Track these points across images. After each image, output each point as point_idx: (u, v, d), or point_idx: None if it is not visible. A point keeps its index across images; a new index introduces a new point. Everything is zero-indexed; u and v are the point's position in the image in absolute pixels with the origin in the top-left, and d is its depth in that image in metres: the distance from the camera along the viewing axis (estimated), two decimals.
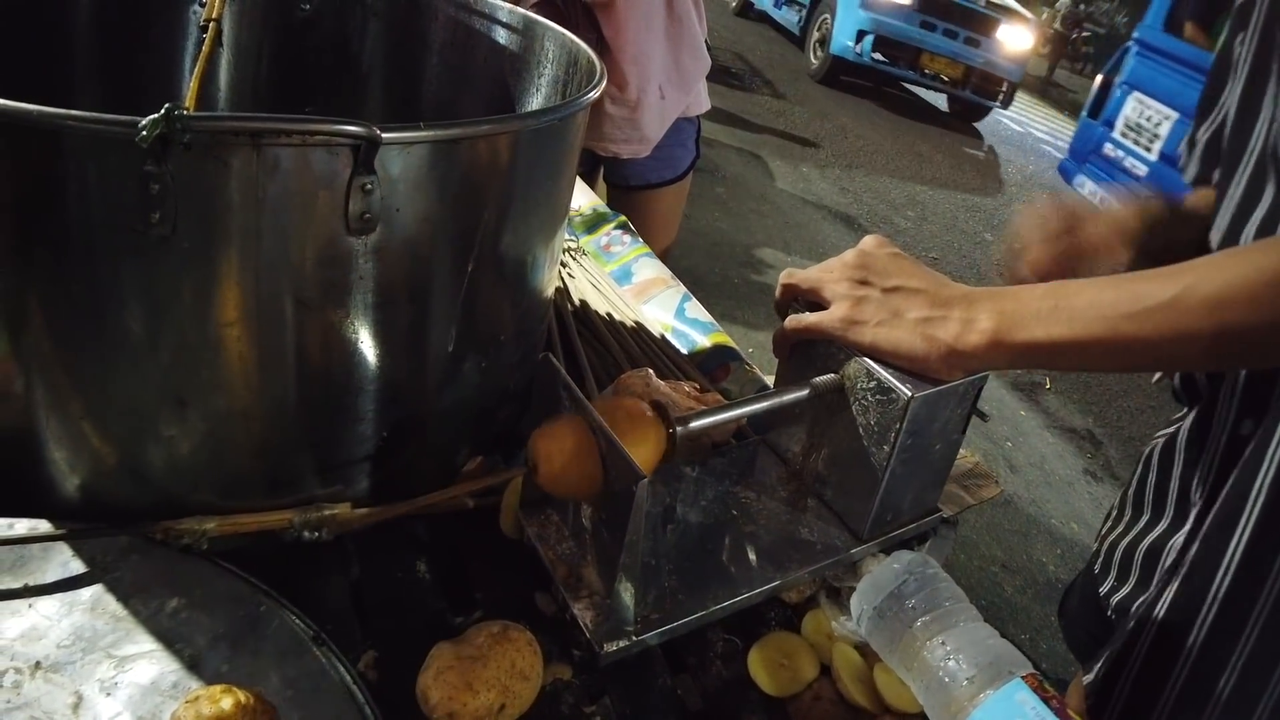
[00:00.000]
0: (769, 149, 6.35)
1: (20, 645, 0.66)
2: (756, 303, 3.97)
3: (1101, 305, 0.73)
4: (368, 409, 0.77)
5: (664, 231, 2.04)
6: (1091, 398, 4.33)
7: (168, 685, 0.65)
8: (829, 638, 0.82)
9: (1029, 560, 3.13)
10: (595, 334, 1.16)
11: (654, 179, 1.98)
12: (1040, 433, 3.97)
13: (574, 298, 1.23)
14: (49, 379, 0.72)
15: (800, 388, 0.82)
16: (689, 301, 1.30)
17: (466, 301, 0.78)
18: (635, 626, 0.72)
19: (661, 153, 1.93)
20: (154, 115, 0.55)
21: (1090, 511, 3.46)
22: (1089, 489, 3.64)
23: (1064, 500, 3.53)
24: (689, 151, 2.02)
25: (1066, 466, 3.77)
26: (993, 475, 1.16)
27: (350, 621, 0.76)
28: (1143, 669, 0.89)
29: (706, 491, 0.87)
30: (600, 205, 1.58)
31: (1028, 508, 3.42)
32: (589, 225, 1.50)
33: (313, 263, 0.68)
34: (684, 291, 1.32)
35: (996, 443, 3.80)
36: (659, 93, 1.81)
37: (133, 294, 0.66)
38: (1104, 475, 3.75)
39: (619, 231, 1.48)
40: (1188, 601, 0.85)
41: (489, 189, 0.75)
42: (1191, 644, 0.83)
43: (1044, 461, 3.76)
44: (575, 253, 1.36)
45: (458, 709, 0.65)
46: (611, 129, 1.84)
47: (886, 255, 0.83)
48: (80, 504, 0.77)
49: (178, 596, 0.70)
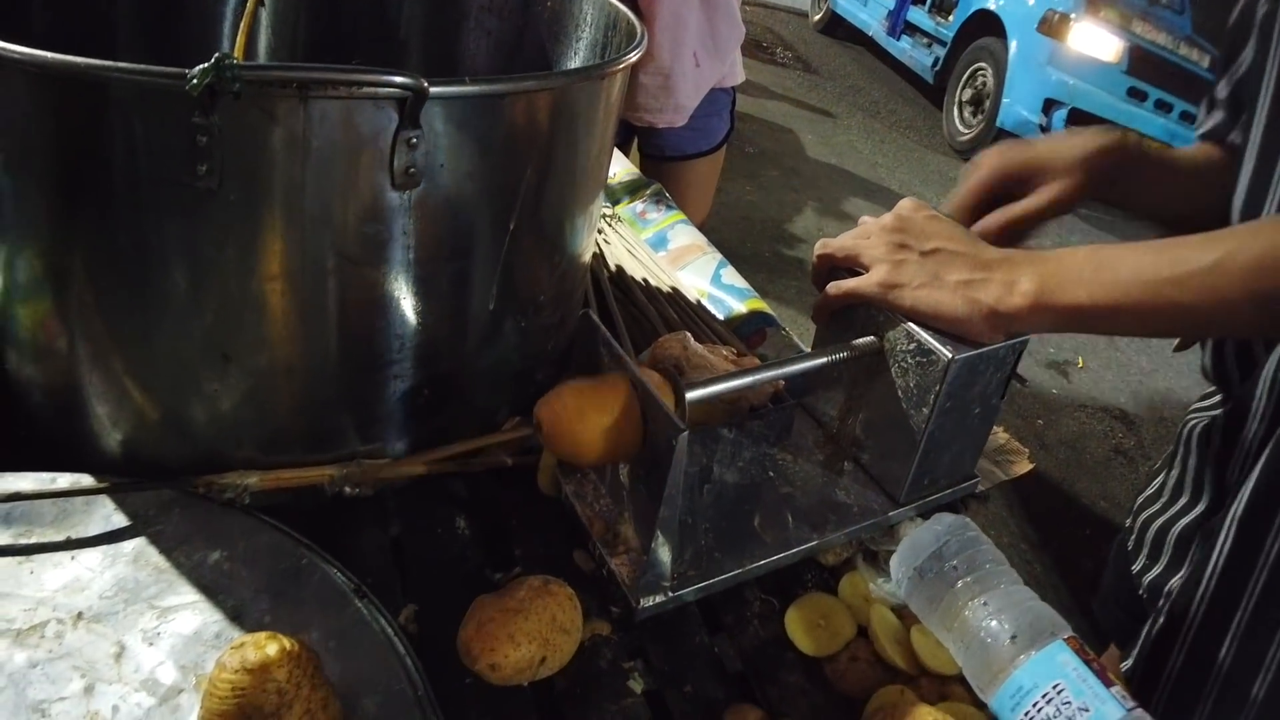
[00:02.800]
0: (801, 123, 6.31)
1: (62, 596, 0.67)
2: (788, 276, 3.95)
3: (1143, 269, 0.73)
4: (408, 366, 0.78)
5: (698, 203, 2.03)
6: (1124, 377, 4.29)
7: (210, 635, 0.66)
8: (866, 600, 0.82)
9: (1059, 538, 3.11)
10: (631, 299, 1.16)
11: (689, 149, 1.97)
12: (1072, 411, 3.94)
13: (610, 264, 1.23)
14: (92, 334, 0.73)
15: (833, 350, 0.82)
16: (725, 268, 1.29)
17: (507, 261, 0.78)
18: (672, 582, 0.73)
19: (696, 123, 1.92)
20: (204, 65, 0.56)
21: (1121, 491, 3.43)
22: (1120, 469, 3.61)
23: (1095, 479, 3.50)
24: (724, 122, 2.01)
25: (1098, 445, 3.74)
26: (1024, 451, 1.15)
27: (390, 576, 0.77)
28: (1187, 659, 0.89)
29: (743, 453, 0.87)
30: (636, 173, 1.58)
31: (1059, 486, 3.40)
32: (625, 193, 1.50)
33: (356, 217, 0.68)
34: (720, 258, 1.32)
35: (1028, 420, 3.78)
36: (693, 60, 1.79)
37: (178, 248, 0.67)
38: (1136, 455, 3.72)
39: (654, 199, 1.47)
40: (1230, 587, 0.85)
41: (531, 147, 0.75)
42: (1234, 629, 0.84)
43: (1075, 440, 3.73)
44: (611, 219, 1.36)
45: (499, 660, 0.65)
46: (646, 98, 1.83)
47: (924, 218, 0.83)
48: (122, 459, 0.78)
49: (220, 549, 0.71)
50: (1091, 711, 0.67)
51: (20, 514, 0.71)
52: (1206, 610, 0.88)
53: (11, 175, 0.66)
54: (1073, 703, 0.67)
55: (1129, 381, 4.28)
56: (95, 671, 0.62)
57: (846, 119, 6.63)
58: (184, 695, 0.62)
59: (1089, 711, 0.67)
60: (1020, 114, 5.97)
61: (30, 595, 0.66)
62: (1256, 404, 0.88)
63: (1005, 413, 3.74)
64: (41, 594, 0.66)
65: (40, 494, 0.72)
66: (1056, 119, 5.89)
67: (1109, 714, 0.66)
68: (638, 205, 1.46)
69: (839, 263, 0.85)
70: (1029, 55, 5.97)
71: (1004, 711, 0.71)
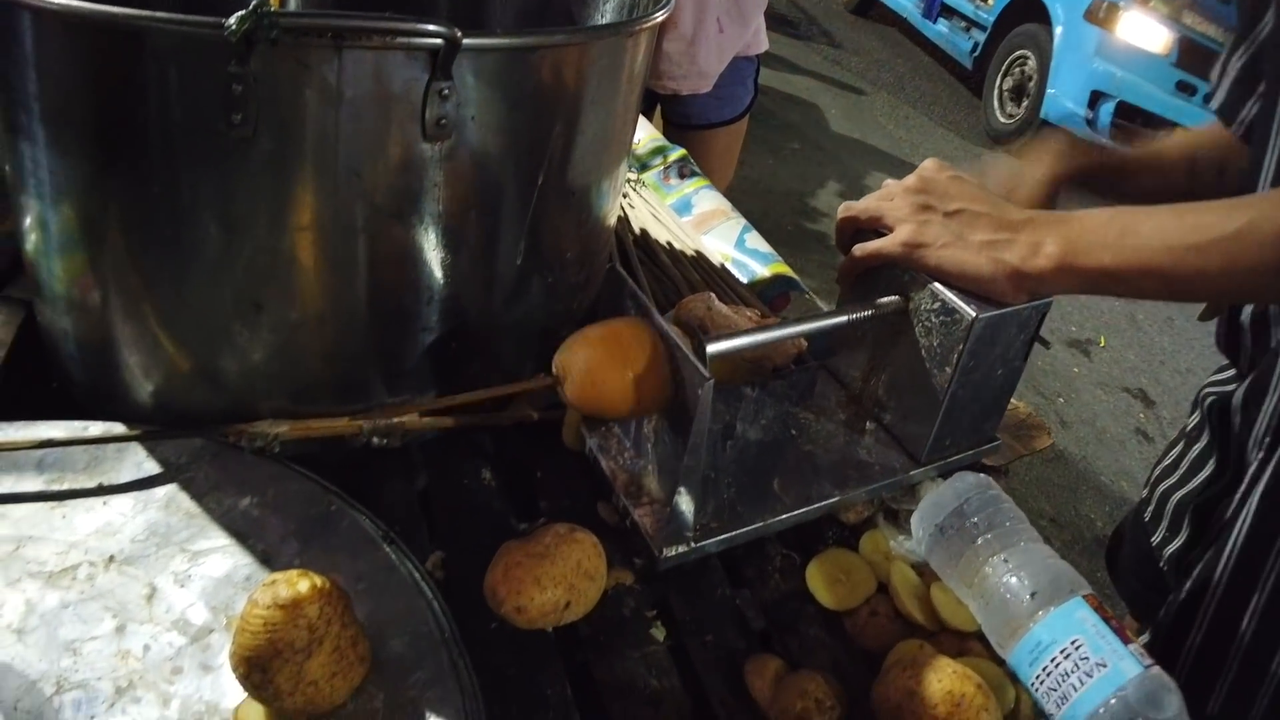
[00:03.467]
0: (825, 97, 6.27)
1: (94, 540, 0.68)
2: (810, 250, 3.93)
3: (1166, 234, 0.73)
4: (435, 319, 0.79)
5: (721, 171, 2.03)
6: (1146, 357, 4.26)
7: (241, 578, 0.67)
8: (886, 557, 0.83)
9: (1077, 516, 3.11)
10: (656, 262, 1.17)
11: (713, 117, 1.97)
12: (1092, 390, 3.92)
13: (635, 227, 1.24)
14: (125, 285, 0.74)
15: (856, 308, 0.82)
16: (749, 233, 1.30)
17: (535, 217, 0.79)
18: (694, 534, 0.74)
19: (720, 91, 1.92)
20: (242, 12, 0.56)
21: (1140, 471, 3.42)
22: (1140, 448, 3.60)
23: (1114, 458, 3.49)
24: (748, 91, 2.01)
25: (1118, 425, 3.72)
26: (1045, 426, 1.15)
27: (417, 524, 0.78)
28: (1207, 634, 0.90)
29: (766, 411, 0.87)
30: (661, 139, 1.58)
31: (1078, 464, 3.39)
32: (649, 158, 1.50)
33: (387, 168, 0.69)
34: (744, 223, 1.32)
35: (1048, 398, 3.76)
36: (717, 26, 1.79)
37: (211, 197, 0.68)
38: (1156, 435, 3.70)
39: (679, 164, 1.48)
40: (1250, 563, 0.85)
41: (559, 103, 0.75)
42: (1255, 605, 0.84)
43: (1095, 419, 3.71)
44: (635, 184, 1.36)
45: (525, 603, 0.66)
46: (669, 65, 1.83)
47: (947, 178, 0.83)
48: (154, 409, 0.80)
49: (250, 496, 0.72)
50: (1109, 667, 0.67)
51: (53, 461, 0.72)
52: (1227, 586, 0.88)
53: (48, 126, 0.67)
54: (1090, 658, 0.68)
55: (1150, 362, 4.26)
56: (126, 612, 0.64)
57: (872, 95, 6.58)
58: (214, 635, 0.63)
59: (1106, 667, 0.67)
60: (1065, 106, 5.60)
61: (62, 539, 0.67)
62: (1276, 380, 0.88)
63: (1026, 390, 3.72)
64: (73, 538, 0.68)
65: (72, 441, 0.73)
66: (1103, 112, 5.51)
67: (1126, 670, 0.67)
68: (663, 171, 1.46)
69: (863, 224, 0.85)
70: (1075, 44, 5.62)
71: (1022, 667, 0.71)
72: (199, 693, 0.60)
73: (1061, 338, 4.25)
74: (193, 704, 0.59)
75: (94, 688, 0.59)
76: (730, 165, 2.11)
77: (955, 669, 0.68)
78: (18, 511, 0.69)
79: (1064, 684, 0.68)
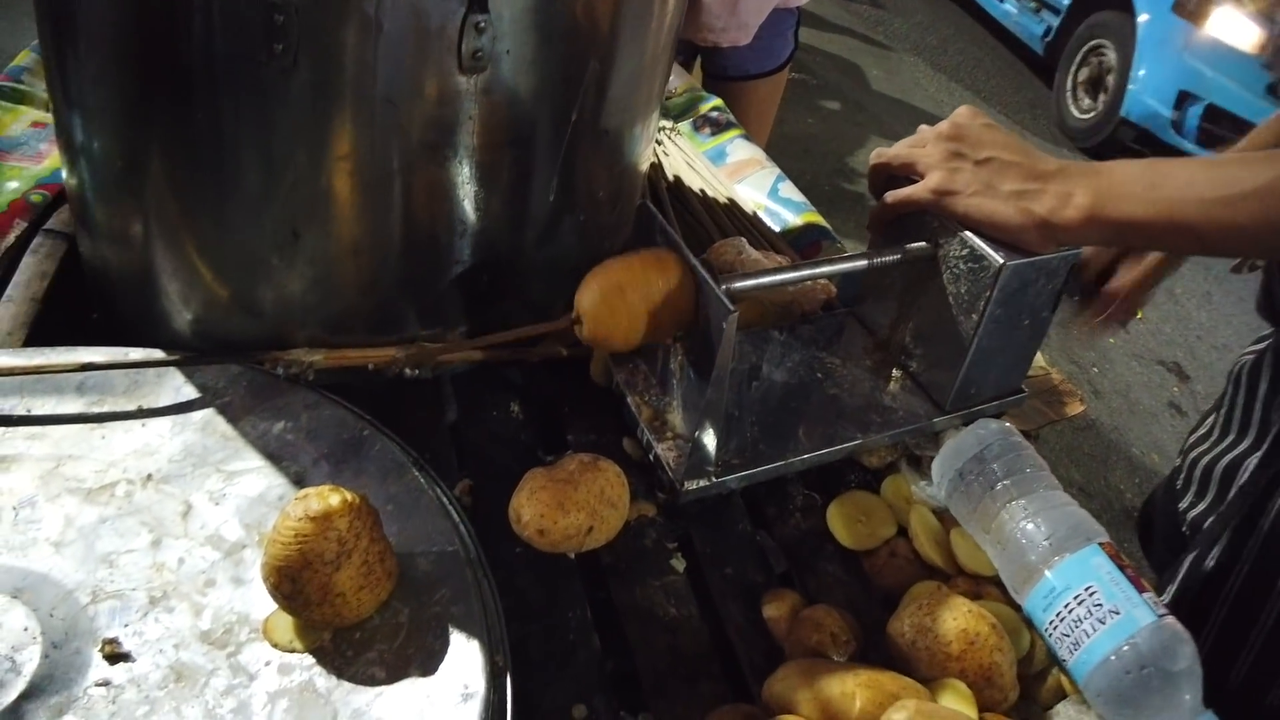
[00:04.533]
0: (865, 56, 6.18)
1: (132, 460, 0.70)
2: (846, 210, 3.90)
3: (1197, 187, 0.72)
4: (468, 252, 0.80)
5: (759, 124, 2.01)
6: (1182, 331, 4.20)
7: (274, 498, 0.69)
8: (907, 501, 0.84)
9: (1106, 486, 3.09)
10: (688, 209, 1.17)
11: (752, 69, 1.95)
12: (1127, 361, 3.88)
13: (668, 174, 1.24)
14: (166, 214, 0.76)
15: (882, 252, 0.82)
16: (783, 182, 1.30)
17: (568, 154, 0.80)
18: (716, 469, 0.75)
19: (760, 43, 1.90)
20: None
21: (1171, 444, 3.38)
22: (1172, 421, 3.56)
23: (1146, 430, 3.46)
24: (787, 43, 1.99)
25: (1151, 397, 3.68)
26: (1078, 392, 1.15)
27: (447, 453, 0.80)
28: (1231, 611, 0.90)
29: (792, 355, 0.88)
30: (696, 88, 1.58)
31: (1109, 434, 3.37)
32: (685, 106, 1.50)
33: (423, 100, 0.70)
34: (778, 172, 1.32)
35: (1083, 367, 3.73)
36: None
37: (251, 127, 0.69)
38: (1189, 409, 3.65)
39: (714, 113, 1.47)
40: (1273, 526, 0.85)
41: (593, 40, 0.76)
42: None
43: (1129, 390, 3.68)
44: (670, 132, 1.36)
45: (548, 526, 0.68)
46: (709, 18, 1.81)
47: (980, 126, 0.82)
48: (193, 337, 0.82)
49: (284, 420, 0.74)
50: (1122, 614, 0.68)
51: (93, 384, 0.74)
52: (1253, 564, 0.88)
53: (92, 57, 0.69)
54: (1104, 605, 0.68)
55: (1186, 335, 4.20)
56: (162, 527, 0.66)
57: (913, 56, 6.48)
58: (247, 550, 0.65)
59: (1119, 614, 0.68)
60: (1149, 105, 5.01)
61: (101, 458, 0.69)
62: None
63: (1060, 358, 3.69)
64: (112, 457, 0.70)
65: (113, 364, 0.75)
66: (1190, 115, 4.90)
67: (1139, 618, 0.67)
68: (697, 120, 1.46)
69: (895, 170, 0.85)
70: (1161, 37, 4.99)
71: (1036, 612, 0.72)
72: (230, 604, 0.62)
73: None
74: (224, 614, 0.61)
75: (129, 597, 0.61)
76: (768, 118, 2.09)
77: (970, 608, 0.69)
78: (58, 432, 0.71)
79: (1076, 630, 0.69)
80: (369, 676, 0.59)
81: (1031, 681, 0.73)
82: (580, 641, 0.70)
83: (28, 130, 1.06)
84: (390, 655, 0.60)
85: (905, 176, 0.84)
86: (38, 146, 1.03)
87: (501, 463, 0.80)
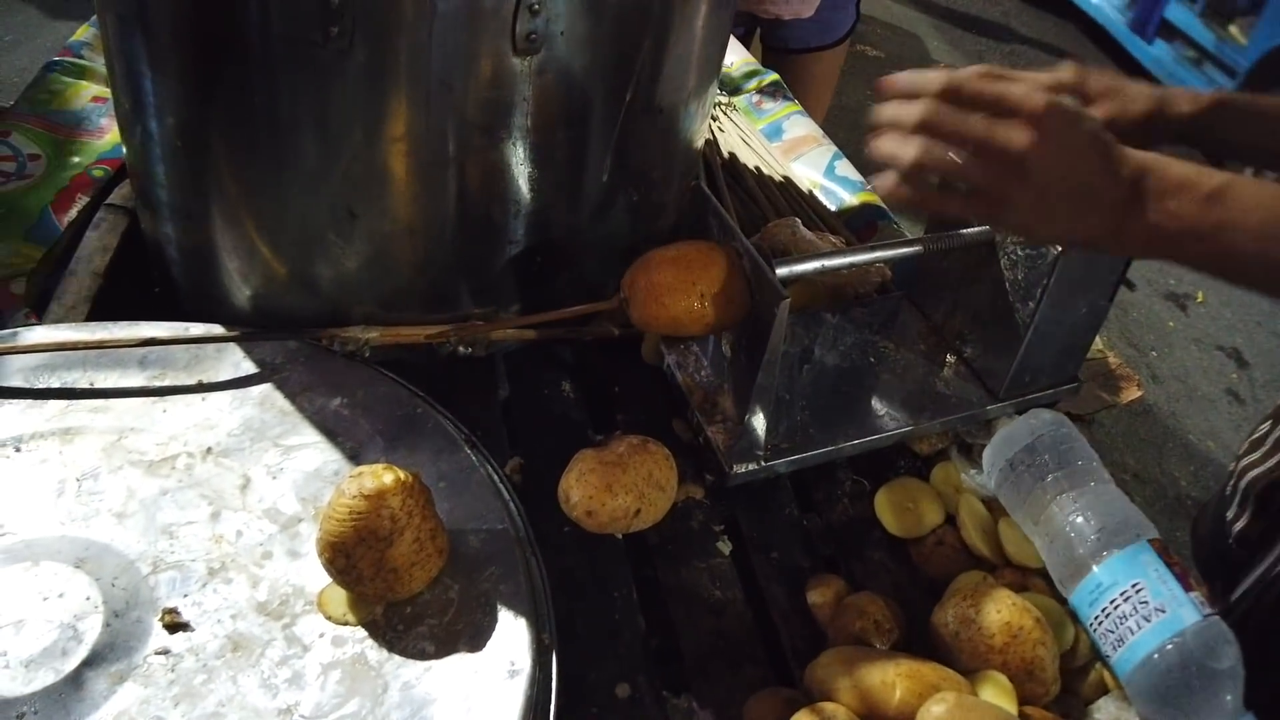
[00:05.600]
0: (925, 28, 6.07)
1: (193, 433, 0.72)
2: None
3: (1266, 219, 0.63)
4: (522, 232, 0.80)
5: (818, 98, 1.99)
6: (1244, 317, 4.09)
7: (330, 472, 0.70)
8: (956, 489, 0.83)
9: (1161, 473, 3.03)
10: (743, 186, 1.16)
11: (813, 42, 1.93)
12: (1186, 346, 3.79)
13: (723, 151, 1.24)
14: (226, 193, 0.77)
15: (938, 239, 0.81)
16: (840, 160, 1.28)
17: (622, 134, 0.80)
18: (765, 452, 0.75)
19: (820, 15, 1.87)
20: None
21: (1228, 431, 3.31)
22: (1230, 409, 3.48)
23: (1203, 417, 3.38)
24: (849, 15, 1.96)
25: (1210, 383, 3.60)
26: (1135, 377, 1.13)
27: (498, 430, 0.81)
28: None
29: (845, 338, 0.88)
30: (754, 63, 1.56)
31: (1166, 420, 3.30)
32: (741, 82, 1.48)
33: (478, 81, 0.70)
34: (835, 150, 1.31)
35: (1141, 351, 3.66)
36: None
37: (308, 108, 0.70)
38: (1247, 397, 3.57)
39: (772, 89, 1.46)
40: None
41: (647, 20, 0.76)
42: None
43: (1187, 375, 3.60)
44: (727, 108, 1.35)
45: (596, 508, 0.69)
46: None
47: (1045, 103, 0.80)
48: (251, 313, 0.84)
49: (341, 396, 0.75)
50: (1168, 613, 0.67)
51: (155, 359, 0.76)
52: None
53: (153, 39, 0.70)
54: (1150, 602, 0.67)
55: (1248, 321, 4.10)
56: (222, 500, 0.67)
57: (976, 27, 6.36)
58: (303, 524, 0.67)
59: (1165, 613, 0.67)
60: None
61: (162, 431, 0.71)
62: None
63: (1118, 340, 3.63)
64: (173, 430, 0.71)
65: (174, 340, 0.77)
66: None
67: (1185, 617, 0.66)
68: (754, 95, 1.45)
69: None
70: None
71: (1082, 606, 0.71)
72: (286, 576, 0.63)
73: (1159, 290, 4.12)
74: (280, 586, 0.63)
75: (188, 568, 0.63)
76: (828, 92, 2.06)
77: (1015, 601, 0.68)
78: (121, 405, 0.72)
79: (1121, 626, 0.68)
80: (419, 651, 0.60)
81: (1074, 676, 0.72)
82: (625, 621, 0.71)
83: (89, 105, 1.08)
84: (440, 630, 0.61)
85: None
86: (99, 121, 1.05)
87: (552, 441, 0.80)
